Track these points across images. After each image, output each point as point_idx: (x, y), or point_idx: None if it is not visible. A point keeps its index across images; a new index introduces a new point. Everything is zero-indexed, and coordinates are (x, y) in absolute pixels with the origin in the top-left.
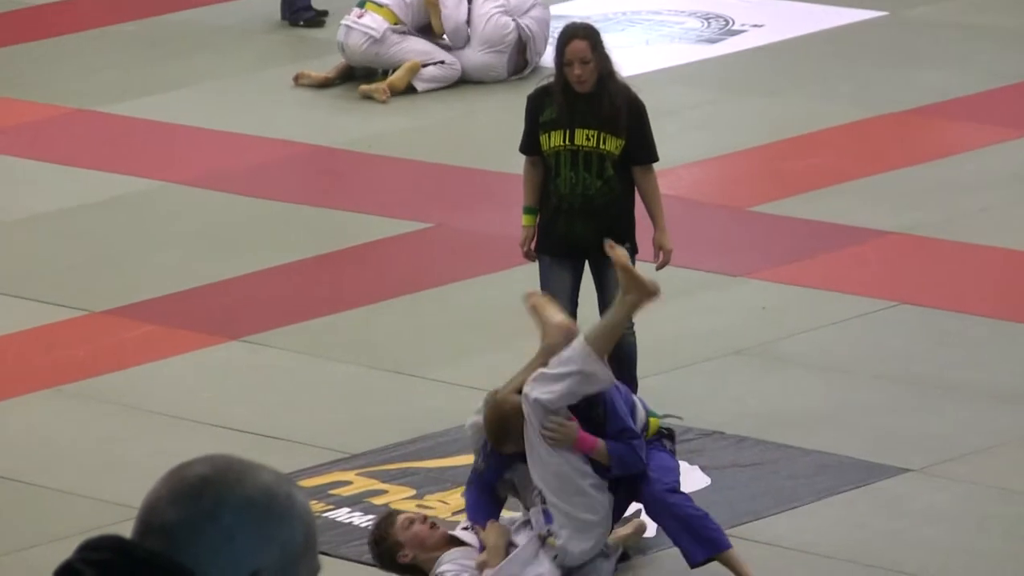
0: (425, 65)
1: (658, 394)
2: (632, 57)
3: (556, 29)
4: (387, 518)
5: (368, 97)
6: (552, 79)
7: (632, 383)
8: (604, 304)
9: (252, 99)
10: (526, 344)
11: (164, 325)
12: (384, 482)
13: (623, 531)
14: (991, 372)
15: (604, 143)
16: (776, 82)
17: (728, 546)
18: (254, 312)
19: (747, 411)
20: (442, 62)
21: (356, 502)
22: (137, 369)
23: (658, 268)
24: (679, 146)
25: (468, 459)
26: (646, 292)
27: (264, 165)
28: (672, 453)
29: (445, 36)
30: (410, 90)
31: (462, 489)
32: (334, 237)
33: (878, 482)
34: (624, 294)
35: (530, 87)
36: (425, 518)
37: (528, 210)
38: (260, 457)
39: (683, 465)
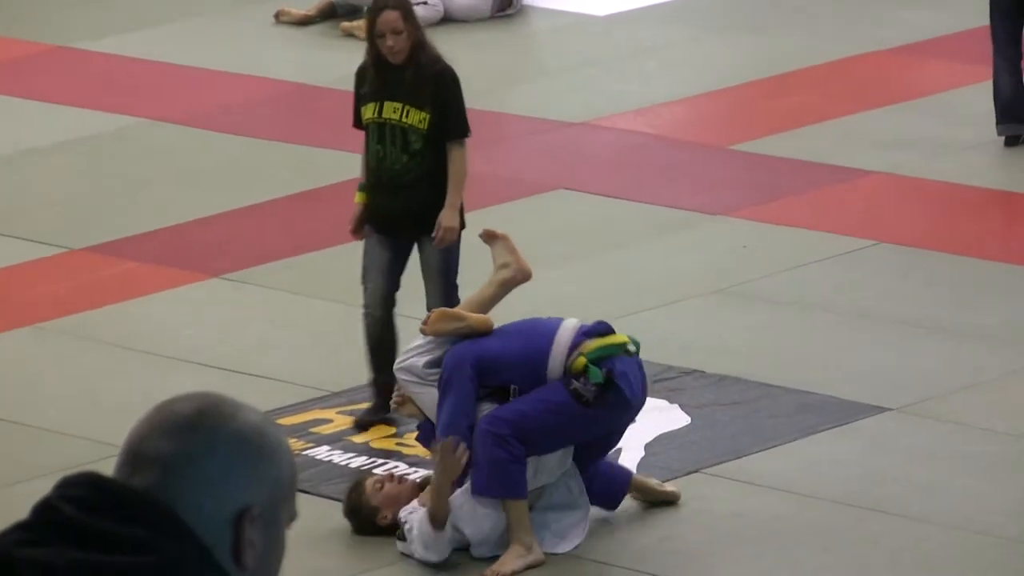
0: None
1: (639, 332)
2: None
3: None
4: (355, 488)
5: (350, 35)
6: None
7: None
8: (426, 287)
9: (232, 36)
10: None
11: (144, 262)
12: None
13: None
14: (973, 311)
15: (407, 116)
16: (758, 20)
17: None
18: (235, 249)
19: (728, 350)
20: (425, 2)
21: (336, 440)
22: (117, 306)
23: (436, 245)
24: (659, 84)
25: None
26: (521, 270)
27: (245, 103)
28: (574, 394)
29: None
30: None
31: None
32: (316, 175)
33: (859, 421)
34: (499, 269)
35: (515, 24)
36: (392, 475)
37: (361, 186)
38: (241, 395)
39: (663, 404)
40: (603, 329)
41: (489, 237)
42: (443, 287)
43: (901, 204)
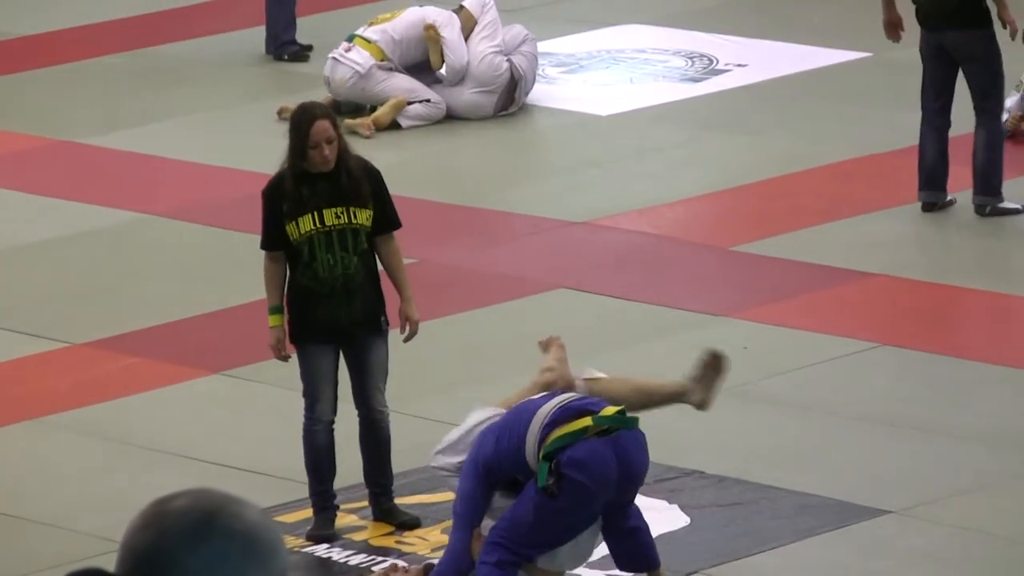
0: (411, 103)
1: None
2: (616, 95)
3: (543, 68)
4: None
5: (352, 132)
6: (284, 168)
7: (387, 469)
8: (361, 387)
9: (235, 133)
10: (506, 380)
11: (146, 357)
12: (363, 518)
13: None
14: (972, 414)
15: (355, 217)
16: (759, 122)
17: None
18: (237, 345)
19: (728, 451)
20: (428, 100)
21: (335, 538)
22: (119, 401)
23: (405, 340)
24: (661, 184)
25: (448, 496)
26: (563, 378)
27: (247, 198)
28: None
29: (443, 71)
30: (394, 125)
31: (442, 526)
32: None
33: (859, 523)
34: (543, 371)
35: (518, 123)
36: (396, 566)
37: (275, 309)
38: (240, 491)
39: (662, 504)
40: (566, 415)
41: (546, 345)
42: (385, 382)
43: (901, 307)
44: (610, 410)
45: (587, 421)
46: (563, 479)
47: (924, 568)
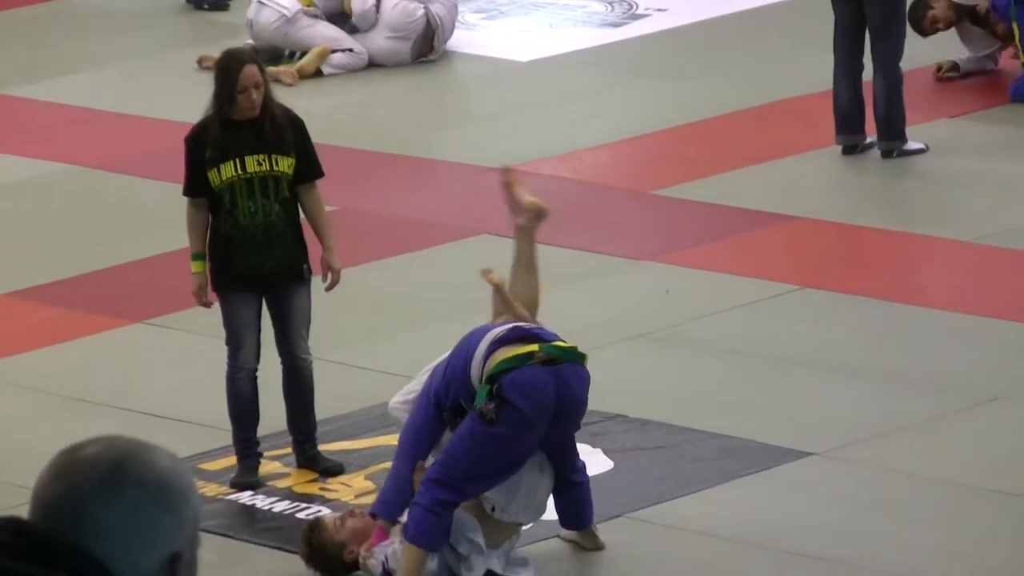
0: (334, 51)
1: None
2: (536, 41)
3: (462, 14)
4: (315, 526)
5: (275, 80)
6: (208, 115)
7: (311, 416)
8: (283, 335)
9: (155, 82)
10: (428, 328)
11: (69, 307)
12: (287, 465)
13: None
14: (894, 356)
15: (277, 164)
16: (680, 66)
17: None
18: (158, 294)
19: (650, 394)
20: (350, 50)
21: (259, 486)
22: (41, 351)
23: (328, 289)
24: (582, 130)
25: (372, 442)
26: (537, 211)
27: (167, 148)
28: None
29: (353, 17)
30: (316, 73)
31: (365, 472)
32: None
33: (781, 465)
34: (516, 219)
35: (438, 70)
36: (353, 512)
37: (197, 256)
38: (164, 439)
39: (585, 448)
40: (515, 336)
41: (509, 182)
42: (308, 330)
43: (823, 249)
44: (560, 343)
45: (534, 347)
46: (503, 404)
47: (847, 509)
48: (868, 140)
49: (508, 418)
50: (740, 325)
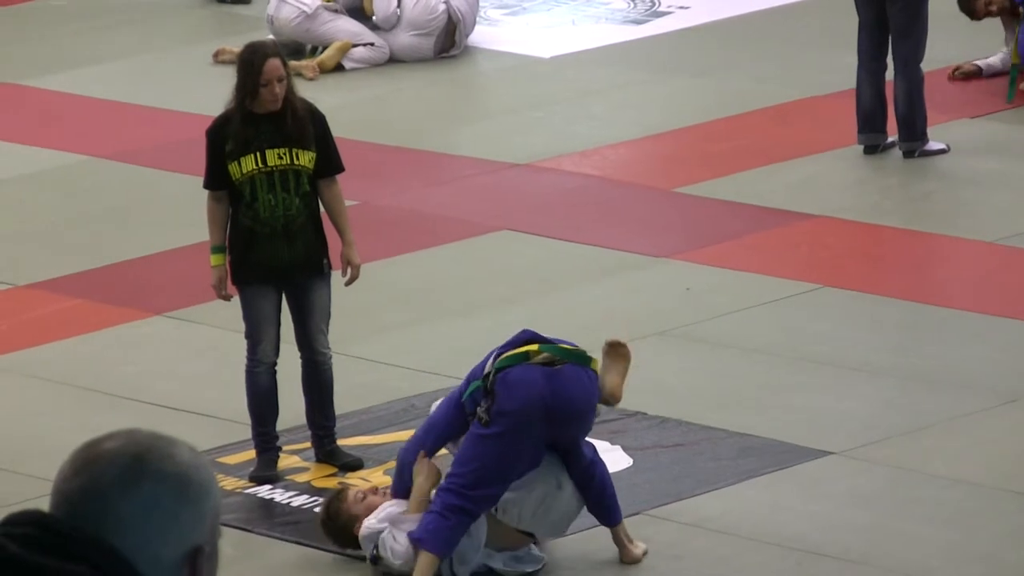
0: (355, 46)
1: None
2: (558, 37)
3: (484, 10)
4: (337, 496)
5: (296, 74)
6: (230, 108)
7: (329, 411)
8: (303, 329)
9: (176, 74)
10: (447, 323)
11: (88, 299)
12: (306, 460)
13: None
14: (914, 356)
15: (298, 159)
16: (702, 63)
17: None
18: (177, 287)
19: (670, 392)
20: (372, 44)
21: (277, 479)
22: (61, 343)
23: (347, 284)
24: (604, 127)
25: (390, 437)
26: (612, 393)
27: (187, 140)
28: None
29: (375, 18)
30: (337, 68)
31: (384, 467)
32: None
33: (800, 464)
34: (602, 378)
35: (460, 66)
36: (376, 489)
37: (217, 249)
38: (184, 433)
39: (604, 445)
40: (522, 339)
41: (616, 353)
42: (327, 325)
43: (844, 248)
44: (566, 346)
45: (533, 347)
46: (493, 403)
47: (865, 509)
48: (890, 140)
49: (498, 417)
50: (760, 323)
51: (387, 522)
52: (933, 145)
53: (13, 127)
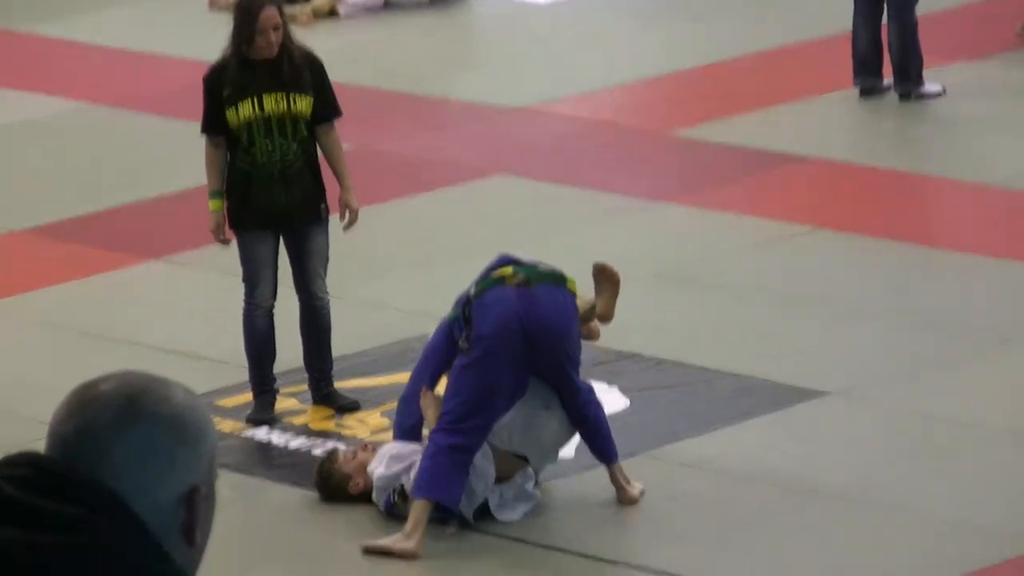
0: None
1: None
2: None
3: None
4: (329, 457)
5: (291, 19)
6: (226, 54)
7: (327, 354)
8: (301, 273)
9: (172, 21)
10: (444, 266)
11: (87, 244)
12: (303, 402)
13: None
14: (910, 297)
15: (295, 104)
16: (699, 8)
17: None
18: (174, 232)
19: (666, 334)
20: None
21: (274, 422)
22: (57, 288)
23: (345, 229)
24: (602, 71)
25: (387, 379)
26: (604, 313)
27: (184, 86)
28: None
29: None
30: (332, 13)
31: (381, 409)
32: None
33: (796, 406)
34: (595, 301)
35: (456, 11)
36: (366, 445)
37: (215, 193)
38: (180, 376)
39: (601, 386)
40: (499, 263)
41: (604, 276)
42: (325, 269)
43: (840, 190)
44: (542, 268)
45: (508, 270)
46: (471, 329)
47: (860, 450)
48: (886, 83)
49: (476, 341)
50: (757, 265)
51: (400, 464)
52: (929, 88)
53: (11, 74)
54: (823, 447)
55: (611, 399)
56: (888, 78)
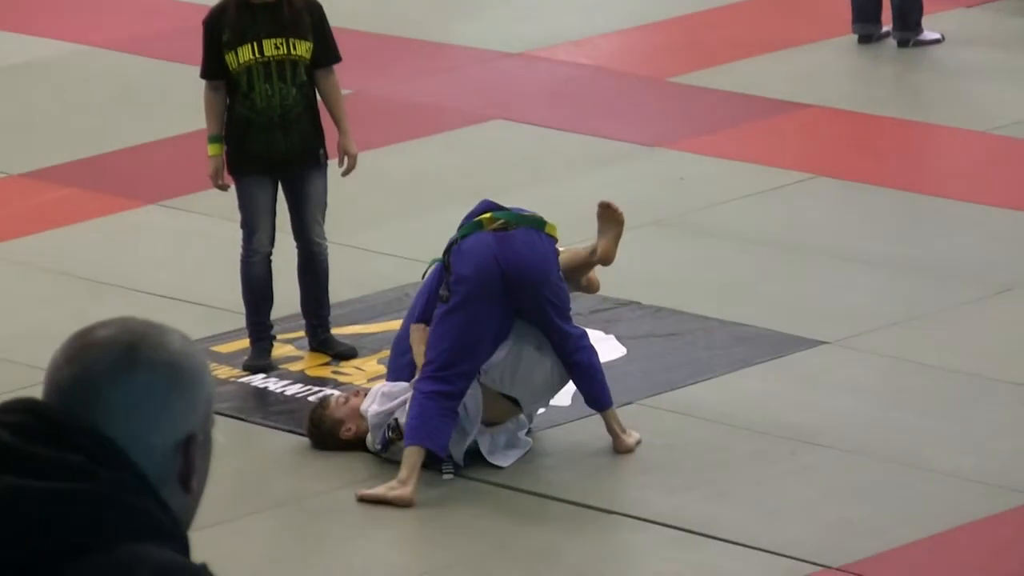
0: None
1: None
2: None
3: None
4: (321, 403)
5: None
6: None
7: (324, 300)
8: (299, 219)
9: None
10: (443, 212)
11: (83, 188)
12: (300, 349)
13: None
14: (908, 245)
15: (295, 49)
16: None
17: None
18: (173, 176)
19: (664, 281)
20: None
21: (271, 368)
22: (54, 232)
23: (344, 174)
24: (598, 16)
25: (384, 326)
26: (606, 254)
27: (183, 29)
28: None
29: None
30: None
31: (378, 356)
32: None
33: (793, 354)
34: (597, 242)
35: None
36: (358, 391)
37: (215, 138)
38: (178, 321)
39: (598, 334)
40: (479, 209)
41: (608, 215)
42: (323, 215)
43: (837, 137)
44: (521, 212)
45: (487, 216)
46: (450, 274)
47: (857, 397)
48: (884, 30)
49: (455, 286)
50: (754, 213)
51: (392, 401)
52: (928, 35)
53: (9, 16)
54: (821, 396)
55: (608, 347)
56: (886, 25)
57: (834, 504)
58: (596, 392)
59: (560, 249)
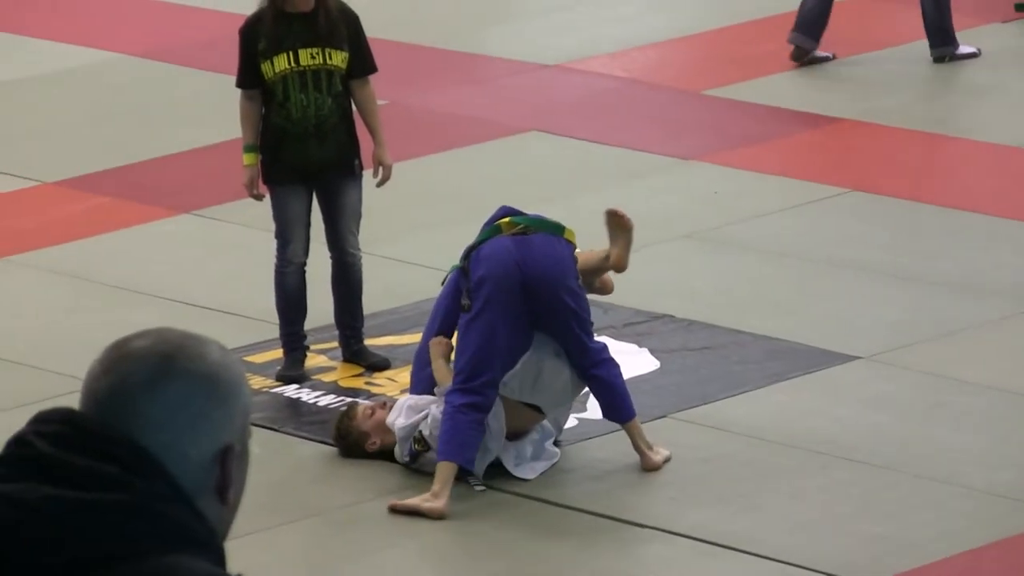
0: None
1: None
2: None
3: None
4: (347, 412)
5: None
6: (263, 6)
7: (358, 311)
8: (333, 229)
9: None
10: (476, 223)
11: (117, 197)
12: (333, 359)
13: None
14: (943, 261)
15: (330, 58)
16: None
17: None
18: (206, 185)
19: (698, 295)
20: None
21: (304, 379)
22: (87, 241)
23: (378, 185)
24: (635, 28)
25: (417, 337)
26: (617, 261)
27: (217, 39)
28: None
29: None
30: None
31: (410, 367)
32: None
33: (828, 369)
34: (609, 249)
35: None
36: (384, 403)
37: (250, 148)
38: (212, 332)
39: (632, 348)
40: (499, 215)
41: (616, 223)
42: (358, 225)
43: (874, 151)
44: (539, 218)
45: (505, 221)
46: (469, 281)
47: (892, 414)
48: (821, 55)
49: (475, 291)
50: (788, 227)
51: (418, 413)
52: (964, 49)
53: (42, 24)
54: (855, 411)
55: (641, 361)
56: (825, 52)
57: (868, 519)
58: (617, 404)
59: (576, 253)
